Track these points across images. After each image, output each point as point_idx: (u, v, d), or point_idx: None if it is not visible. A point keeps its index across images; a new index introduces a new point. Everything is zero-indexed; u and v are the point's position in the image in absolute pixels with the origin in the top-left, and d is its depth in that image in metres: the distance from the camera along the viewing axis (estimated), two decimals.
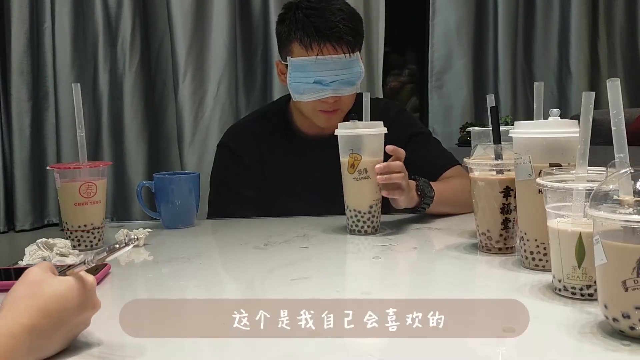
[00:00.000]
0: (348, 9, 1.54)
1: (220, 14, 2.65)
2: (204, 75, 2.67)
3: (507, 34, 3.15)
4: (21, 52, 2.56)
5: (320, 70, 1.47)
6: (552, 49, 3.20)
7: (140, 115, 2.68)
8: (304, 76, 1.49)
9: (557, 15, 3.18)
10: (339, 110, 1.55)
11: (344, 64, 1.48)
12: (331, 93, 1.49)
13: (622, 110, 0.73)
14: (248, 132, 1.66)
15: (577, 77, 3.15)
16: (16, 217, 2.60)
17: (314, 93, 1.50)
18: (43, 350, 0.66)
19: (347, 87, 1.51)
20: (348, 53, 1.48)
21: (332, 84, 1.48)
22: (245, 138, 1.65)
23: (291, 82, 1.51)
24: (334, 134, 1.32)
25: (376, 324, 0.82)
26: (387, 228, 1.33)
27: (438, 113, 3.28)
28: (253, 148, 1.63)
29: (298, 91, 1.51)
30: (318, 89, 1.49)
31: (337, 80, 1.48)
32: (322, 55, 1.47)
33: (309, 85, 1.49)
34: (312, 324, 0.78)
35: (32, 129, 2.62)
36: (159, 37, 2.72)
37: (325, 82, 1.48)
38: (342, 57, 1.48)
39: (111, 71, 2.66)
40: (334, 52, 1.47)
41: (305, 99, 1.51)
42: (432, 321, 0.74)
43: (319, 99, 1.50)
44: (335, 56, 1.47)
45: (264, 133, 1.64)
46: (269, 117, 1.69)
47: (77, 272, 0.69)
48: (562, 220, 0.82)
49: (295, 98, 1.54)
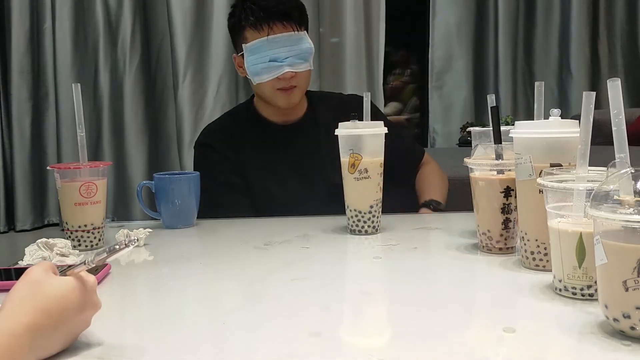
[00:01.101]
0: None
1: (221, 14, 2.65)
2: (204, 75, 2.68)
3: (507, 34, 3.16)
4: (21, 52, 2.57)
5: (273, 49, 1.57)
6: (553, 49, 3.20)
7: (140, 115, 2.69)
8: (259, 57, 1.58)
9: (557, 15, 3.18)
10: (297, 87, 1.63)
11: (294, 40, 1.59)
12: (288, 69, 1.58)
13: (623, 110, 0.73)
14: (220, 127, 1.77)
15: (578, 77, 3.15)
16: (16, 217, 2.60)
17: (271, 71, 1.58)
18: (44, 349, 0.66)
19: (302, 63, 1.60)
20: (296, 30, 1.59)
21: (286, 59, 1.58)
22: (219, 133, 1.74)
23: (249, 65, 1.60)
24: (300, 119, 1.46)
25: (376, 324, 0.82)
26: (387, 228, 1.33)
27: (438, 113, 3.28)
28: (227, 140, 1.71)
29: (256, 73, 1.59)
30: (274, 66, 1.58)
31: (290, 56, 1.58)
32: (274, 33, 1.57)
33: (265, 64, 1.58)
34: (312, 324, 0.78)
35: (33, 129, 2.62)
36: (159, 37, 2.72)
37: (280, 58, 1.57)
38: (292, 34, 1.58)
39: (111, 71, 2.67)
40: (284, 29, 1.58)
41: (264, 79, 1.59)
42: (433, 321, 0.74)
43: (277, 77, 1.58)
44: (286, 33, 1.57)
45: (234, 125, 1.74)
46: (237, 113, 1.81)
47: (77, 272, 0.69)
48: (563, 220, 0.82)
49: (255, 81, 1.61)
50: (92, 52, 2.65)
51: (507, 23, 3.14)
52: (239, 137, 1.71)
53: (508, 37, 3.15)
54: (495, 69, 3.19)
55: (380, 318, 0.85)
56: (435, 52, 3.25)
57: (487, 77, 3.23)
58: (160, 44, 2.72)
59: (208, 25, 2.68)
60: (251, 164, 1.68)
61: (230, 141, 1.70)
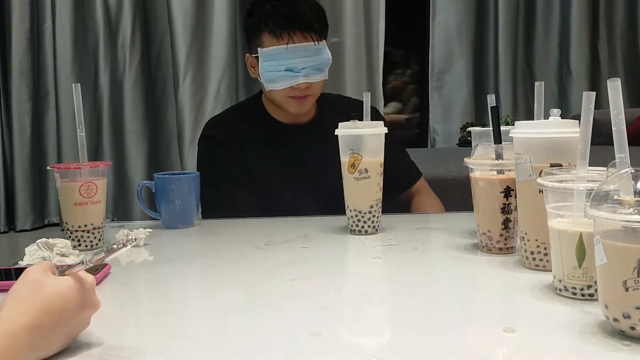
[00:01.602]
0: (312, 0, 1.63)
1: (220, 14, 2.65)
2: (204, 75, 2.68)
3: (507, 33, 3.16)
4: (22, 52, 2.57)
5: (291, 58, 1.54)
6: (553, 49, 3.20)
7: (140, 115, 2.69)
8: (275, 65, 1.55)
9: (557, 15, 3.18)
10: (310, 96, 1.61)
11: (313, 51, 1.56)
12: (302, 79, 1.56)
13: (623, 110, 0.73)
14: (226, 121, 1.73)
15: (578, 77, 3.15)
16: (16, 217, 2.60)
17: (286, 80, 1.56)
18: (44, 349, 0.66)
19: (317, 73, 1.58)
20: (316, 40, 1.56)
21: (302, 70, 1.55)
22: (225, 126, 1.71)
23: (263, 71, 1.57)
24: (310, 120, 1.39)
25: (376, 324, 0.82)
26: (387, 228, 1.33)
27: (438, 113, 3.28)
28: (233, 134, 1.68)
29: (270, 80, 1.57)
30: (289, 76, 1.55)
31: (307, 67, 1.55)
32: (293, 43, 1.54)
33: (281, 73, 1.55)
34: (312, 324, 0.78)
35: (33, 129, 2.62)
36: (159, 37, 2.73)
37: (296, 69, 1.55)
38: (312, 44, 1.55)
39: (111, 71, 2.67)
40: (304, 40, 1.55)
41: (277, 87, 1.57)
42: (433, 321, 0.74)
43: (291, 86, 1.56)
44: (305, 43, 1.54)
45: (242, 121, 1.71)
46: (245, 108, 1.77)
47: (76, 272, 0.69)
48: (563, 221, 0.82)
49: (268, 87, 1.59)
50: (92, 52, 2.65)
51: (507, 23, 3.14)
52: (245, 134, 1.68)
53: (508, 37, 3.15)
54: (495, 69, 3.19)
55: (380, 318, 0.85)
56: (435, 52, 3.25)
57: (487, 77, 3.23)
58: (160, 44, 2.72)
59: (208, 26, 2.68)
60: (257, 161, 1.65)
61: (235, 136, 1.67)
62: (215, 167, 1.65)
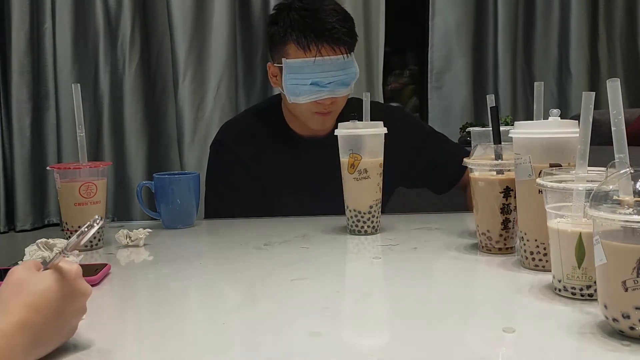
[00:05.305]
0: (341, 10, 1.54)
1: (220, 14, 2.65)
2: (204, 75, 2.67)
3: (507, 34, 3.15)
4: (21, 52, 2.56)
5: (317, 72, 1.47)
6: (552, 49, 3.20)
7: (140, 115, 2.69)
8: (301, 77, 1.48)
9: (557, 15, 3.18)
10: (333, 112, 1.54)
11: (341, 64, 1.48)
12: (328, 94, 1.49)
13: (622, 110, 0.73)
14: (243, 127, 1.66)
15: (577, 77, 3.15)
16: (16, 217, 2.60)
17: (311, 94, 1.49)
18: (40, 346, 0.65)
19: (343, 88, 1.51)
20: (346, 54, 1.49)
21: (329, 85, 1.48)
22: (241, 133, 1.64)
23: (287, 84, 1.50)
24: (327, 134, 1.29)
25: (376, 324, 0.82)
26: (387, 228, 1.33)
27: (438, 113, 3.28)
28: (249, 143, 1.62)
29: (294, 93, 1.50)
30: (315, 90, 1.48)
31: (334, 81, 1.48)
32: (321, 56, 1.46)
33: (306, 87, 1.48)
34: (312, 324, 0.78)
35: (33, 129, 2.62)
36: (159, 37, 2.72)
37: (323, 83, 1.48)
38: (340, 57, 1.48)
39: (111, 71, 2.66)
40: (333, 53, 1.47)
41: (301, 101, 1.51)
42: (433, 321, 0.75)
43: (315, 101, 1.50)
44: (334, 57, 1.47)
45: (259, 129, 1.64)
46: (264, 114, 1.68)
47: (56, 264, 0.69)
48: (562, 221, 0.83)
49: (291, 100, 1.52)
50: (92, 52, 2.64)
51: (506, 23, 3.14)
52: (261, 144, 1.61)
53: (508, 37, 3.15)
54: (494, 69, 3.19)
55: (380, 318, 0.85)
56: (434, 52, 3.25)
57: (486, 78, 3.23)
58: (160, 44, 2.72)
59: (208, 26, 2.67)
60: (269, 174, 1.60)
61: (251, 145, 1.61)
62: (224, 174, 1.60)
